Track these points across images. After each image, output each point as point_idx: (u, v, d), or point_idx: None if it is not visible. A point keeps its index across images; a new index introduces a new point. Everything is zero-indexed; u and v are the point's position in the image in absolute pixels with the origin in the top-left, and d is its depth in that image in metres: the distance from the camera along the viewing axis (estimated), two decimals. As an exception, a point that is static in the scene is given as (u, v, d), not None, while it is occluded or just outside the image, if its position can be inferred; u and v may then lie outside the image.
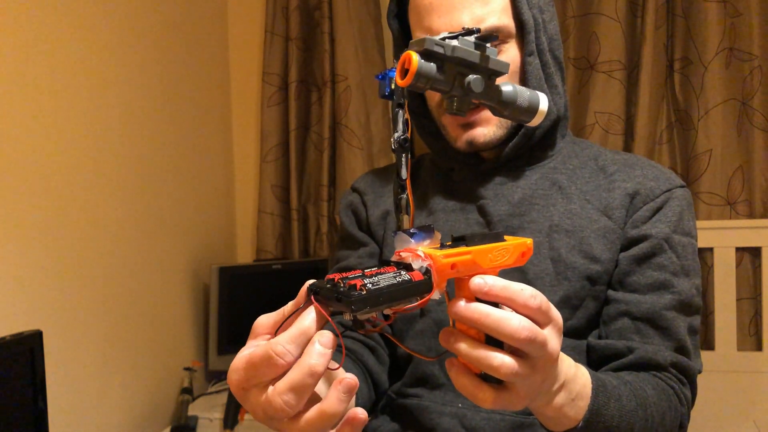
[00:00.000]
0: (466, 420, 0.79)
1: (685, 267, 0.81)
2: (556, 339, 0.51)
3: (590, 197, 0.84)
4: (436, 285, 0.50)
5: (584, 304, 0.81)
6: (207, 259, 2.08)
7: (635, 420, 0.67)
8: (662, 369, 0.77)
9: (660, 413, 0.71)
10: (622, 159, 0.88)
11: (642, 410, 0.68)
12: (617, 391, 0.66)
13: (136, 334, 1.71)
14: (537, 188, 0.86)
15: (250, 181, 2.32)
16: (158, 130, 1.84)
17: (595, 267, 0.80)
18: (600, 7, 1.93)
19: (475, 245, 0.52)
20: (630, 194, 0.83)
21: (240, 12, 2.29)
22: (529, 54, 0.81)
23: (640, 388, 0.70)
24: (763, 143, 1.84)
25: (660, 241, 0.80)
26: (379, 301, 0.47)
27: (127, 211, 1.68)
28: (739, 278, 1.85)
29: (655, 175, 0.85)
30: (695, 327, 0.81)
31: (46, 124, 1.41)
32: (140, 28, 1.76)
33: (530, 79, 0.82)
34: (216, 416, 1.81)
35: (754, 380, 1.82)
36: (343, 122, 2.13)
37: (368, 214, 0.99)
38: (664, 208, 0.83)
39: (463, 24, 0.78)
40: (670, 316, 0.79)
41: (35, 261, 1.37)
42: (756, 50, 1.83)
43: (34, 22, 1.38)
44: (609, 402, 0.64)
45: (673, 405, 0.74)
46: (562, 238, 0.82)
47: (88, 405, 1.53)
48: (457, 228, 0.87)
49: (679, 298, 0.79)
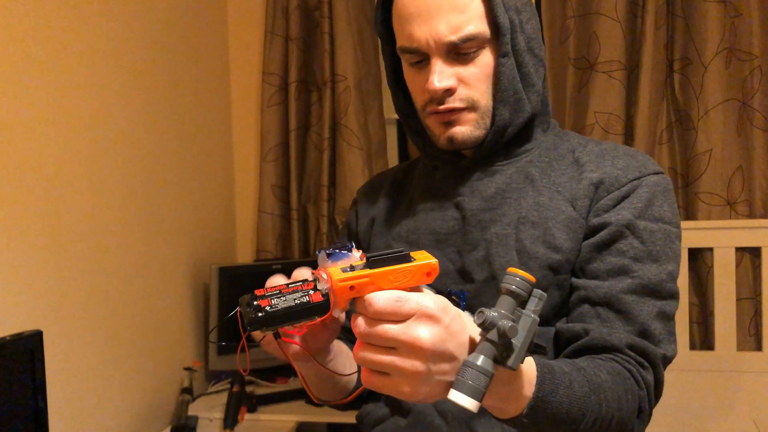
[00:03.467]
0: (438, 404, 0.83)
1: (652, 252, 0.82)
2: (424, 328, 0.54)
3: (562, 188, 0.87)
4: (335, 305, 0.56)
5: (548, 293, 0.82)
6: (207, 259, 2.08)
7: (587, 405, 0.68)
8: (618, 351, 0.78)
9: (615, 398, 0.72)
10: (597, 149, 0.89)
11: (595, 395, 0.69)
12: (567, 378, 0.67)
13: (136, 334, 1.72)
14: (511, 182, 0.89)
15: (250, 181, 2.32)
16: (158, 130, 1.84)
17: (556, 257, 0.83)
18: (600, 7, 1.93)
19: (378, 267, 0.56)
20: (594, 184, 0.85)
21: (240, 12, 2.29)
22: (502, 56, 0.83)
23: (594, 374, 0.71)
24: (763, 143, 1.84)
25: (620, 228, 0.82)
26: (274, 322, 0.56)
27: (127, 211, 1.68)
28: (738, 278, 1.85)
29: (625, 165, 0.86)
30: (667, 312, 0.82)
31: (46, 124, 1.41)
32: (140, 28, 1.76)
33: (501, 80, 0.84)
34: (216, 416, 1.81)
35: (754, 380, 1.82)
36: (343, 122, 2.13)
37: (358, 224, 1.03)
38: (630, 196, 0.84)
39: (440, 32, 0.80)
40: (630, 299, 0.80)
41: (35, 261, 1.37)
42: (756, 50, 1.83)
43: (34, 22, 1.39)
44: (557, 389, 0.65)
45: (630, 388, 0.75)
46: (528, 229, 0.84)
47: (88, 405, 1.53)
48: (436, 225, 0.90)
49: (641, 283, 0.80)
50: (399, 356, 0.54)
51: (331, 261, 0.59)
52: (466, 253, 0.87)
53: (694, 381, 1.86)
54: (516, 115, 0.86)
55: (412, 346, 0.54)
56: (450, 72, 0.83)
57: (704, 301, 1.90)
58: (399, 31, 0.86)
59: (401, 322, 0.54)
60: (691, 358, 1.87)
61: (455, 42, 0.81)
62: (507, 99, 0.85)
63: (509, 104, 0.85)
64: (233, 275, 1.97)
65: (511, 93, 0.85)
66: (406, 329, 0.54)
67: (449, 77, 0.83)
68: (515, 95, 0.85)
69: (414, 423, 0.85)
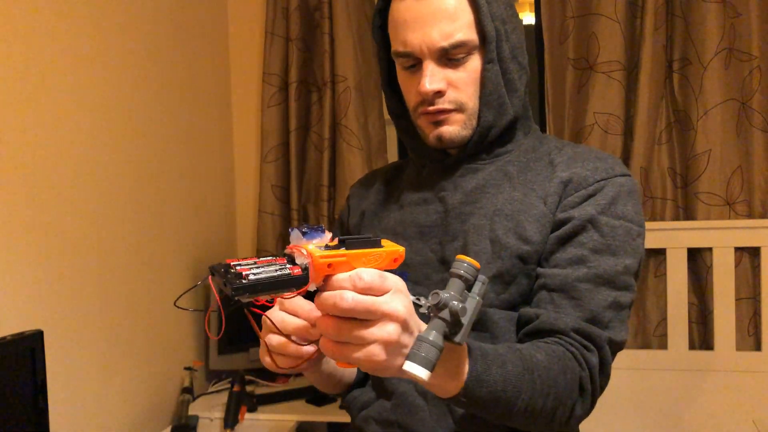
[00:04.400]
0: (419, 385, 0.91)
1: (611, 246, 0.87)
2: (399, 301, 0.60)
3: (536, 186, 0.93)
4: (312, 279, 0.60)
5: (516, 280, 0.90)
6: (207, 259, 2.08)
7: (521, 383, 0.73)
8: (563, 334, 0.83)
9: (551, 376, 0.77)
10: (572, 152, 0.96)
11: (528, 374, 0.74)
12: (501, 358, 0.73)
13: (137, 334, 1.72)
14: (490, 179, 0.96)
15: (250, 181, 2.33)
16: (159, 130, 1.84)
17: (526, 247, 0.89)
18: (599, 8, 1.93)
19: (353, 249, 0.61)
20: (564, 182, 0.91)
21: (240, 13, 2.30)
22: (488, 62, 0.91)
23: (529, 354, 0.77)
24: (762, 143, 1.84)
25: (583, 222, 0.88)
26: (257, 289, 0.57)
27: (128, 212, 1.69)
28: (738, 278, 1.85)
29: (594, 167, 0.92)
30: (621, 302, 0.87)
31: (47, 124, 1.42)
32: (141, 29, 1.76)
33: (487, 85, 0.91)
34: (216, 416, 1.82)
35: (754, 380, 1.82)
36: (343, 123, 2.13)
37: (349, 217, 1.10)
38: (596, 195, 0.90)
39: (432, 38, 0.88)
40: (583, 287, 0.85)
41: (36, 261, 1.38)
42: (755, 50, 1.83)
43: (34, 23, 1.39)
44: (490, 368, 0.71)
45: (569, 368, 0.80)
46: (501, 221, 0.91)
47: (89, 405, 1.54)
48: (421, 218, 0.97)
49: (596, 272, 0.86)
50: (377, 326, 0.59)
51: (305, 239, 0.63)
52: (446, 243, 0.93)
53: (693, 381, 1.86)
54: (500, 117, 0.93)
55: (391, 315, 0.59)
56: (441, 75, 0.90)
57: (703, 301, 1.91)
58: (394, 37, 0.93)
59: (380, 296, 0.59)
60: (691, 358, 1.87)
61: (446, 47, 0.88)
62: (491, 102, 0.92)
63: (493, 107, 0.92)
64: (233, 275, 1.97)
65: (495, 97, 0.92)
66: (388, 300, 0.59)
67: (440, 80, 0.90)
68: (499, 99, 0.92)
69: (397, 404, 0.92)
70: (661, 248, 1.90)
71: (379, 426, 0.94)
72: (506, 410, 0.73)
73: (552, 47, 2.00)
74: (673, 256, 1.89)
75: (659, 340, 1.94)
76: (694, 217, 1.89)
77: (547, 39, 2.00)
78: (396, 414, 0.92)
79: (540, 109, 2.11)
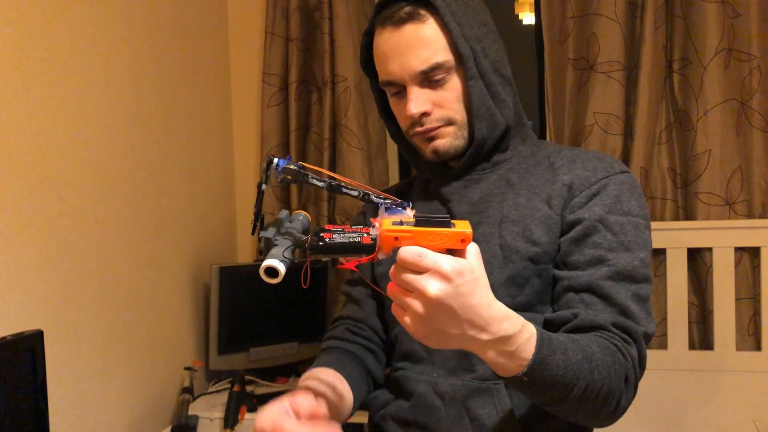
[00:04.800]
0: (437, 387, 0.96)
1: (624, 243, 0.92)
2: (434, 282, 0.64)
3: (538, 190, 0.99)
4: (380, 249, 0.67)
5: (529, 281, 0.95)
6: (207, 259, 2.08)
7: (581, 371, 0.76)
8: (604, 329, 0.87)
9: (605, 366, 0.80)
10: (570, 155, 1.01)
11: (587, 363, 0.78)
12: (564, 346, 0.76)
13: (137, 334, 1.72)
14: (493, 188, 1.01)
15: (251, 181, 2.33)
16: (159, 130, 1.84)
17: (534, 249, 0.94)
18: (599, 8, 1.93)
19: (421, 227, 0.66)
20: (567, 185, 0.97)
21: (240, 13, 2.30)
22: (469, 79, 0.96)
23: (586, 345, 0.80)
24: (761, 143, 1.84)
25: (594, 223, 0.92)
26: (329, 251, 0.68)
27: (128, 211, 1.69)
28: (738, 278, 1.85)
29: (593, 167, 0.97)
30: (642, 294, 0.91)
31: (46, 124, 1.42)
32: (141, 29, 1.76)
33: (474, 100, 0.97)
34: (216, 416, 1.82)
35: (754, 380, 1.82)
36: (343, 123, 2.13)
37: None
38: (600, 194, 0.94)
39: (411, 65, 0.95)
40: (608, 285, 0.90)
41: (35, 261, 1.38)
42: (755, 51, 1.83)
43: (34, 23, 1.39)
44: (554, 354, 0.74)
45: (617, 360, 0.83)
46: (509, 227, 0.96)
47: (89, 405, 1.54)
48: None
49: (616, 270, 0.90)
50: (411, 297, 0.66)
51: (387, 214, 0.70)
52: None
53: (693, 381, 1.86)
54: (492, 129, 0.99)
55: (419, 292, 0.65)
56: (425, 98, 0.97)
57: (703, 300, 1.91)
58: (379, 68, 1.01)
59: (420, 273, 0.65)
60: (691, 358, 1.87)
61: (425, 70, 0.95)
62: (482, 115, 0.97)
63: (485, 120, 0.98)
64: (233, 275, 1.97)
65: (484, 110, 0.97)
66: (419, 279, 0.64)
67: (424, 102, 0.97)
68: (488, 111, 0.98)
69: (415, 404, 0.97)
70: (661, 248, 1.90)
71: (396, 424, 0.99)
72: (563, 395, 0.76)
73: (552, 47, 2.00)
74: (673, 256, 1.89)
75: (659, 340, 1.94)
76: (694, 217, 1.89)
77: (547, 39, 2.00)
78: (414, 414, 0.97)
79: (540, 109, 2.11)
